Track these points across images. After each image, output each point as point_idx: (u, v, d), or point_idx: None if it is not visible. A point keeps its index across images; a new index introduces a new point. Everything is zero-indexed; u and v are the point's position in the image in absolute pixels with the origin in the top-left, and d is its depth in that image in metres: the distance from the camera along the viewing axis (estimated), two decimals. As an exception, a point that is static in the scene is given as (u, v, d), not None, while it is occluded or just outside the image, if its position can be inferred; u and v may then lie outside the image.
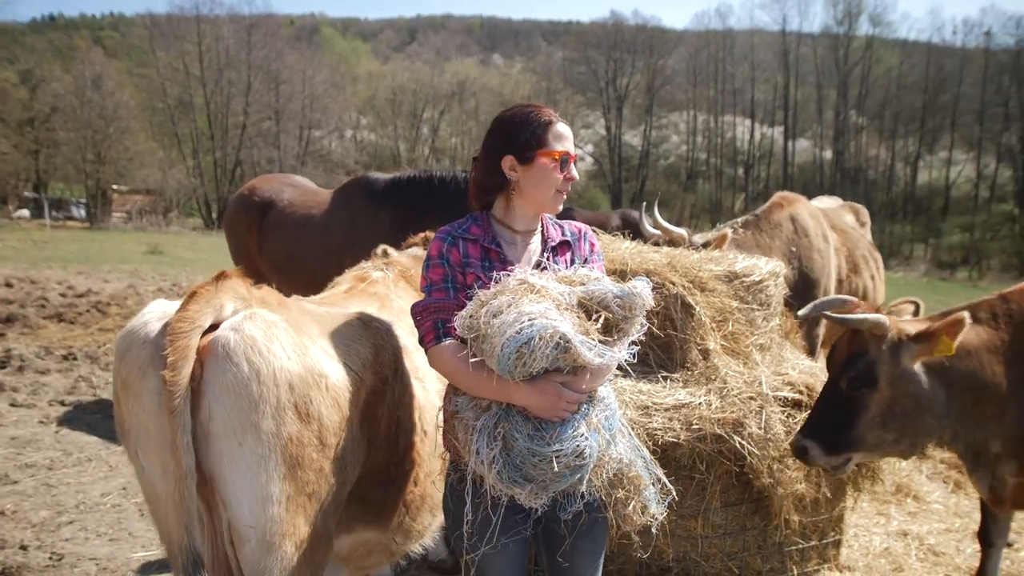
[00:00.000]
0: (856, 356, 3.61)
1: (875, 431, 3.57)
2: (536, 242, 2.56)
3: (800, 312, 3.97)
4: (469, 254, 2.47)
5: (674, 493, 2.46)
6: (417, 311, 2.43)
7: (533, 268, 2.39)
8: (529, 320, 2.03)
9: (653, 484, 2.36)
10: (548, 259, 2.47)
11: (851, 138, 58.83)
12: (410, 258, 3.79)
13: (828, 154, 59.84)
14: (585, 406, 2.19)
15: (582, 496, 2.26)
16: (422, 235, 4.07)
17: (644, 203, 6.83)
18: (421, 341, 2.43)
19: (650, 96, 62.65)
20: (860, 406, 3.56)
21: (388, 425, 2.67)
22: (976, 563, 4.64)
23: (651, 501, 2.34)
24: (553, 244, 2.56)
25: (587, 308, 2.15)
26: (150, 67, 48.15)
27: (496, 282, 2.26)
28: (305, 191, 7.43)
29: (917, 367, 3.53)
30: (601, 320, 2.13)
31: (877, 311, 3.70)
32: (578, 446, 2.12)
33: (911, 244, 51.40)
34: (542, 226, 2.59)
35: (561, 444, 2.12)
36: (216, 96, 47.43)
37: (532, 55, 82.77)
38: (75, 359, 8.87)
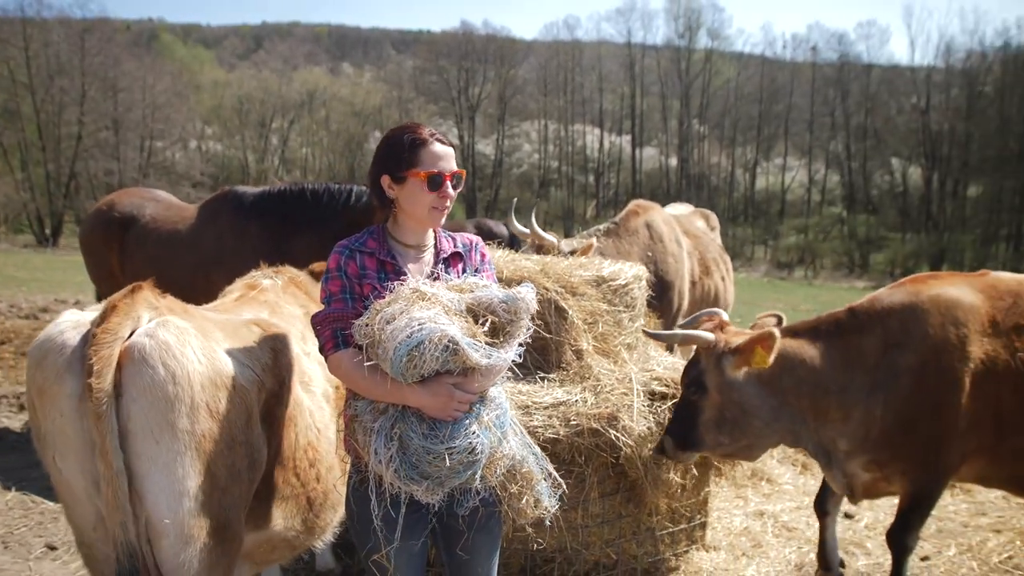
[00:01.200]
0: (692, 365, 4.06)
1: (711, 433, 3.97)
2: (429, 254, 2.71)
3: (648, 332, 4.54)
4: (366, 266, 2.60)
5: (564, 487, 2.63)
6: (317, 321, 2.54)
7: (426, 278, 2.52)
8: (419, 325, 2.18)
9: (545, 479, 2.53)
10: (440, 270, 2.62)
11: (694, 146, 61.54)
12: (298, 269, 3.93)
13: (673, 161, 62.33)
14: (477, 406, 2.35)
15: (478, 492, 2.41)
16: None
17: (516, 199, 7.10)
18: (321, 349, 2.54)
19: (502, 105, 63.42)
20: (698, 410, 3.98)
21: (287, 424, 2.83)
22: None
23: (543, 495, 2.51)
24: (445, 255, 2.70)
25: (475, 313, 2.32)
26: (-30, 73, 44.46)
27: (390, 291, 2.39)
28: (169, 206, 7.21)
29: (741, 376, 3.88)
30: (488, 324, 2.29)
31: (721, 325, 4.09)
32: (470, 443, 2.27)
33: (752, 246, 54.34)
34: (435, 239, 2.74)
35: (453, 442, 2.27)
36: (47, 105, 44.13)
37: (382, 64, 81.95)
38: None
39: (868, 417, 3.87)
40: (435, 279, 2.55)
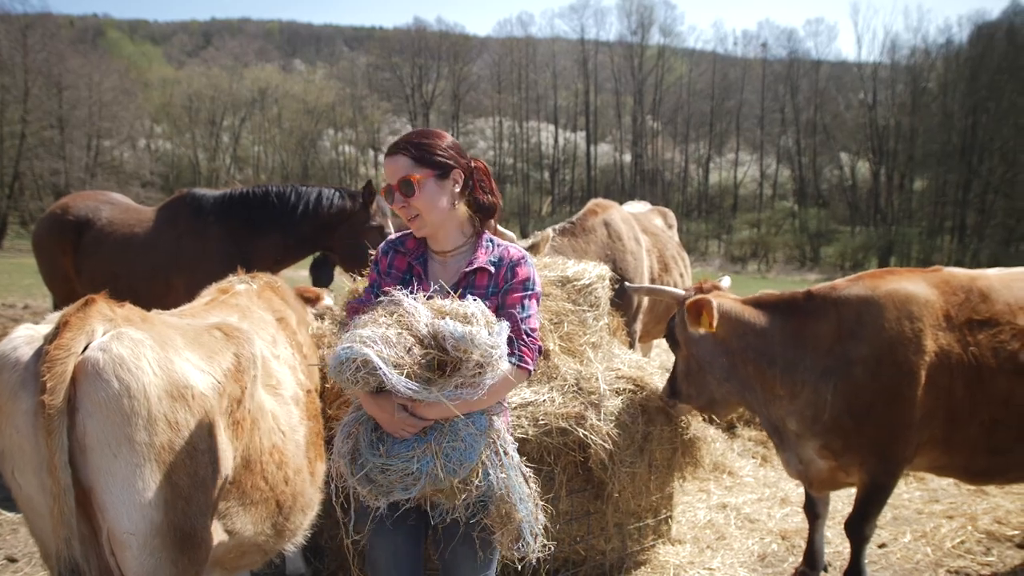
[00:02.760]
0: (669, 323, 4.45)
1: (685, 384, 4.37)
2: (461, 262, 2.68)
3: (630, 286, 4.87)
4: (394, 265, 2.70)
5: (541, 538, 2.56)
6: (350, 309, 2.66)
7: (451, 288, 2.54)
8: (351, 342, 2.24)
9: (530, 521, 2.53)
10: (462, 283, 2.61)
11: (648, 142, 62.06)
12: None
13: (628, 157, 62.83)
14: (433, 432, 2.37)
15: (450, 510, 2.44)
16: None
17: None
18: None
19: (456, 102, 63.40)
20: (676, 364, 4.42)
21: (251, 428, 2.79)
22: (785, 525, 5.31)
23: (525, 536, 2.50)
24: (471, 269, 2.64)
25: (434, 340, 2.32)
26: (-93, 70, 42.96)
27: (381, 299, 2.47)
28: (125, 209, 7.07)
29: (701, 334, 4.17)
30: (430, 356, 2.29)
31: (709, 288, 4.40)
32: (406, 466, 2.31)
33: (706, 240, 54.99)
34: (476, 248, 2.69)
35: (390, 459, 2.33)
36: (-12, 102, 43.02)
37: (335, 61, 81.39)
38: None
39: (818, 399, 3.98)
40: (458, 292, 2.55)
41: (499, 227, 6.83)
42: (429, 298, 2.45)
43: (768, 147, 60.85)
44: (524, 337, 2.56)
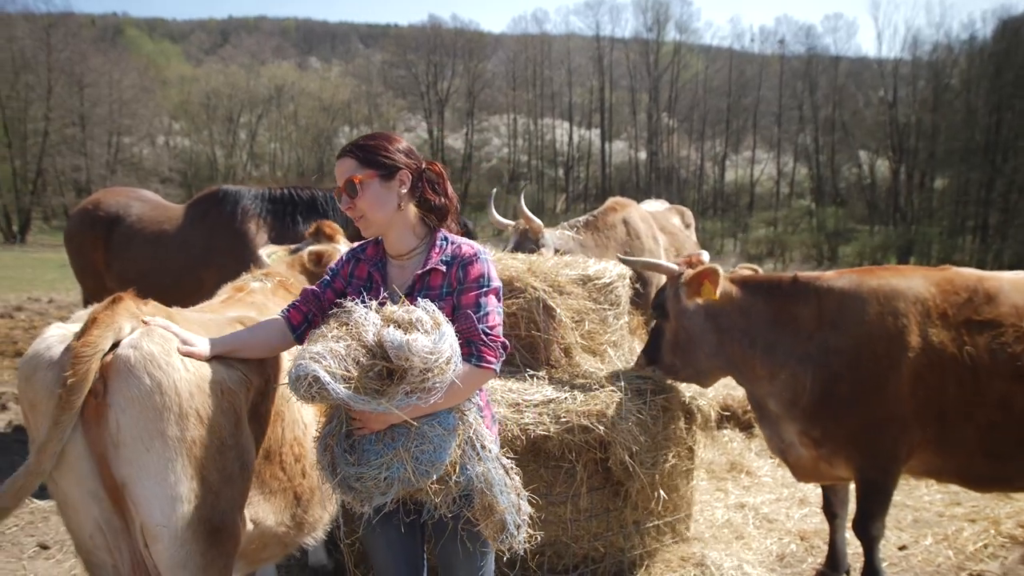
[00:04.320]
0: (659, 293, 4.49)
1: (668, 354, 4.42)
2: (416, 264, 2.69)
3: (621, 258, 4.90)
4: (355, 274, 2.74)
5: (526, 529, 2.60)
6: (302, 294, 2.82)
7: (405, 293, 2.56)
8: (302, 359, 2.28)
9: (512, 512, 2.55)
10: (415, 287, 2.62)
11: (663, 139, 61.70)
12: (287, 267, 3.92)
13: (643, 155, 62.52)
14: (400, 438, 2.38)
15: (435, 507, 2.47)
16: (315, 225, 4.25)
17: (495, 190, 7.11)
18: None
19: (471, 99, 63.32)
20: (662, 332, 4.45)
21: (272, 420, 2.84)
22: (804, 525, 5.30)
23: (508, 524, 2.53)
24: (424, 271, 2.63)
25: (377, 352, 2.33)
26: (-67, 69, 43.46)
27: (334, 311, 2.53)
28: (155, 205, 7.18)
29: (694, 307, 4.25)
30: (378, 367, 2.31)
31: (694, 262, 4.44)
32: (378, 473, 2.34)
33: (722, 239, 54.65)
34: (429, 248, 2.69)
35: (361, 468, 2.37)
36: (12, 101, 43.23)
37: (350, 58, 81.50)
38: None
39: (796, 383, 4.03)
40: (412, 294, 2.58)
41: (527, 211, 6.90)
42: (382, 304, 2.47)
43: (785, 145, 60.40)
44: (482, 336, 2.54)
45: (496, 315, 2.60)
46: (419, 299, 2.46)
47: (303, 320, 2.77)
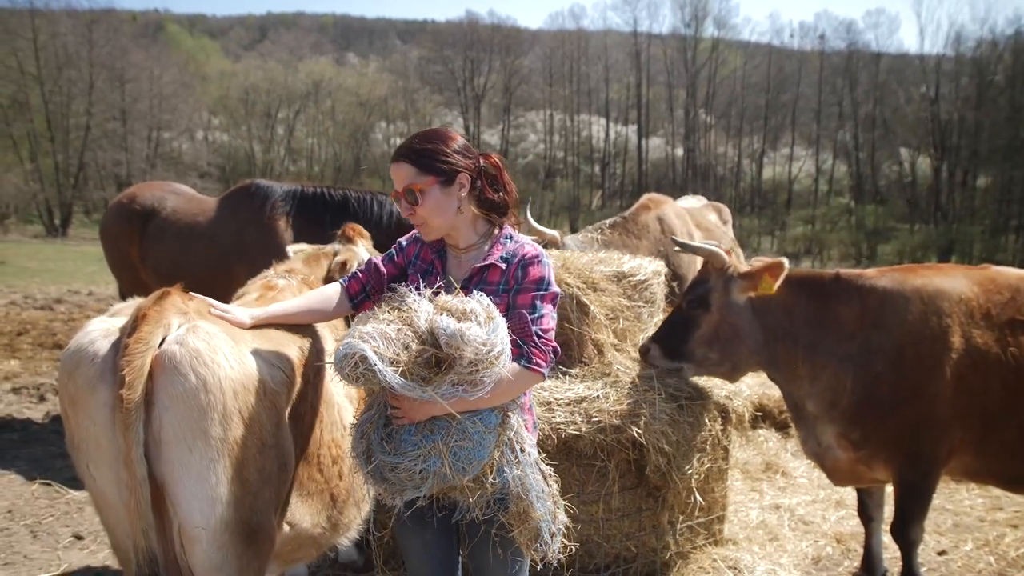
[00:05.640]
0: (698, 283, 4.32)
1: (702, 348, 4.24)
2: (475, 259, 2.67)
3: (677, 241, 4.69)
4: (420, 256, 2.76)
5: (561, 538, 2.54)
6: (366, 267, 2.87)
7: (461, 285, 2.55)
8: (351, 337, 2.26)
9: (548, 520, 2.50)
10: (472, 280, 2.61)
11: (700, 136, 61.18)
12: (305, 264, 3.93)
13: (680, 151, 62.03)
14: (440, 431, 2.36)
15: (468, 508, 2.45)
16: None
17: (529, 200, 7.09)
18: None
19: (507, 95, 63.30)
20: (695, 324, 4.25)
21: (311, 422, 2.85)
22: (840, 528, 5.22)
23: (543, 532, 2.48)
24: (482, 265, 2.61)
25: (428, 339, 2.30)
26: (-21, 65, 44.44)
27: (387, 294, 2.54)
28: (189, 199, 7.25)
29: (743, 302, 4.13)
30: (427, 353, 2.27)
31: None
32: (414, 465, 2.32)
33: (759, 236, 54.08)
34: (492, 244, 2.67)
35: (397, 457, 2.35)
36: (55, 96, 44.12)
37: (387, 54, 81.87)
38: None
39: (837, 384, 3.95)
40: (467, 287, 2.56)
41: (536, 225, 6.86)
42: (436, 293, 2.45)
43: (824, 142, 59.62)
44: (535, 338, 2.50)
45: (550, 320, 2.57)
46: (474, 292, 2.43)
47: (360, 290, 2.81)
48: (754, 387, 7.17)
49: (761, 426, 7.18)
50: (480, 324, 2.28)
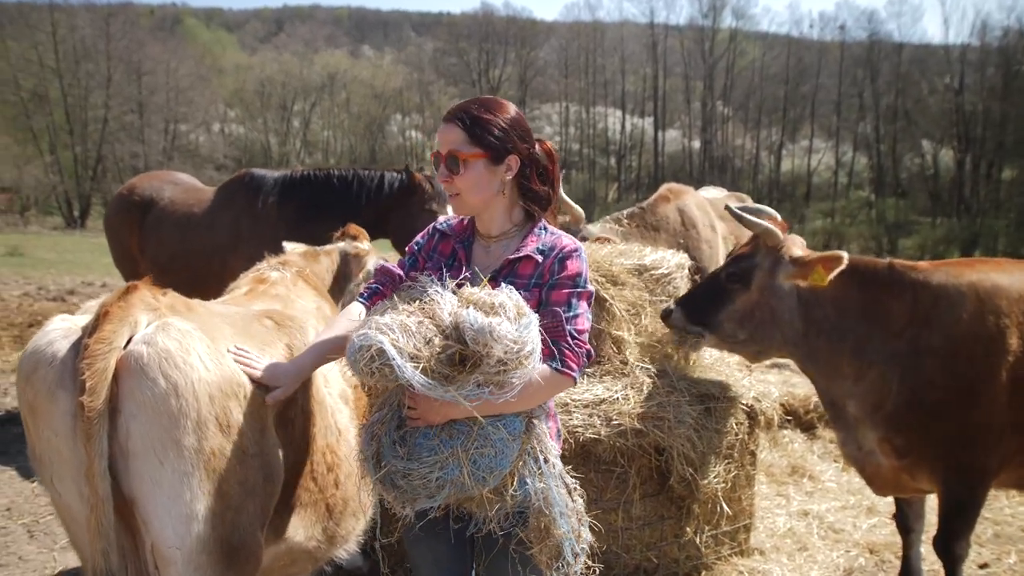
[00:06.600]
0: (743, 257, 3.95)
1: (731, 323, 3.89)
2: (505, 249, 2.44)
3: (730, 207, 4.22)
4: (438, 249, 2.50)
5: (584, 558, 2.32)
6: (378, 272, 2.57)
7: (489, 278, 2.31)
8: (367, 328, 2.04)
9: (571, 538, 2.27)
10: (503, 271, 2.37)
11: (718, 128, 60.82)
12: (301, 257, 3.72)
13: (696, 144, 61.73)
14: (460, 436, 2.14)
15: (485, 521, 2.22)
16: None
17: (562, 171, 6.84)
18: None
19: (523, 87, 63.17)
20: (728, 298, 3.89)
21: (303, 426, 2.61)
22: (873, 537, 4.93)
23: (565, 551, 2.25)
24: (515, 256, 2.38)
25: (452, 334, 2.08)
26: (0, 58, 44.89)
27: (406, 284, 2.31)
28: (187, 188, 7.10)
29: (788, 287, 3.79)
30: (451, 350, 2.05)
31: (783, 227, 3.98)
32: (430, 472, 2.10)
33: (776, 229, 53.70)
34: (526, 234, 2.44)
35: (411, 463, 2.12)
36: (74, 89, 44.62)
37: (402, 46, 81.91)
38: (-59, 371, 8.22)
39: (883, 386, 3.64)
40: (494, 279, 2.31)
41: (567, 198, 6.59)
42: (460, 285, 2.22)
43: (844, 134, 58.95)
44: (569, 339, 2.27)
45: (586, 320, 2.33)
46: (503, 285, 2.21)
47: None
48: (779, 385, 6.89)
49: (786, 427, 6.88)
50: (510, 320, 2.05)
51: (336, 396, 2.92)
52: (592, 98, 63.88)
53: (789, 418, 6.81)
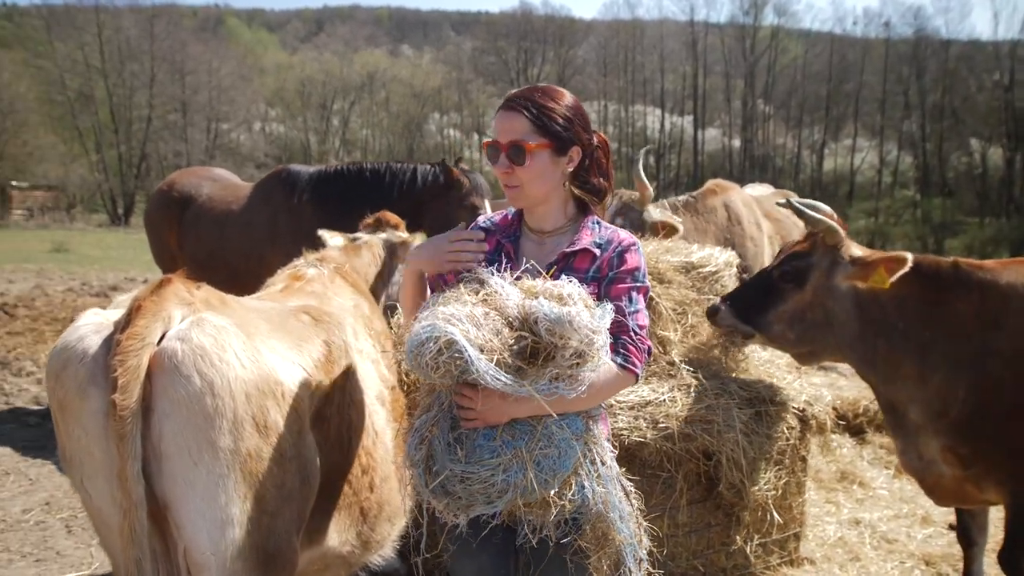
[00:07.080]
0: (799, 255, 3.78)
1: (782, 324, 3.75)
2: (559, 243, 2.34)
3: (792, 201, 4.03)
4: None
5: (646, 565, 2.23)
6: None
7: (546, 269, 2.21)
8: (432, 319, 1.91)
9: (633, 543, 2.16)
10: (558, 265, 2.26)
11: (759, 127, 60.15)
12: (341, 253, 3.64)
13: (737, 142, 61.12)
14: (524, 437, 2.01)
15: (538, 528, 2.08)
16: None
17: (647, 147, 6.62)
18: None
19: (561, 86, 62.78)
20: (780, 297, 3.75)
21: (339, 427, 2.51)
22: (928, 548, 4.73)
23: (626, 558, 2.14)
24: (572, 250, 2.29)
25: (525, 324, 1.96)
26: (47, 59, 45.86)
27: (463, 276, 2.17)
28: (225, 185, 7.10)
29: (845, 288, 3.63)
30: (522, 342, 1.93)
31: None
32: (492, 475, 1.96)
33: (818, 229, 52.99)
34: (580, 228, 2.35)
35: (470, 466, 1.99)
36: (119, 88, 45.69)
37: (441, 45, 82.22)
38: (-17, 366, 8.29)
39: (948, 391, 3.46)
40: (552, 272, 2.20)
41: (643, 174, 6.38)
42: (517, 279, 2.10)
43: (889, 132, 57.92)
44: (631, 334, 2.18)
45: (645, 316, 2.26)
46: (563, 277, 2.11)
47: None
48: (825, 388, 6.69)
49: (835, 431, 6.67)
50: (582, 309, 1.94)
51: (373, 397, 2.82)
52: (631, 96, 63.56)
53: (841, 422, 6.60)
